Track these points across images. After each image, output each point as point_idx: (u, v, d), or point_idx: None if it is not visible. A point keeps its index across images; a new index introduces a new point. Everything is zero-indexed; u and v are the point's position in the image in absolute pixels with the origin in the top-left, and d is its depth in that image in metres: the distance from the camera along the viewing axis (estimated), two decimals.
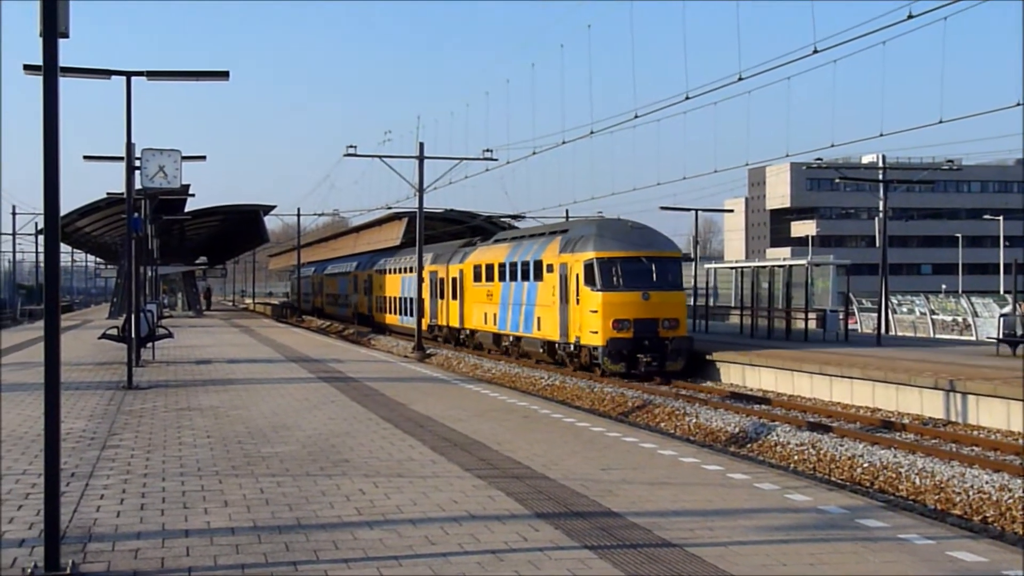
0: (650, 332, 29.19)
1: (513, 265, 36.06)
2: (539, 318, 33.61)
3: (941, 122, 26.68)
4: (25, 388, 18.45)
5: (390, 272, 56.08)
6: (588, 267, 29.99)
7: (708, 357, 30.42)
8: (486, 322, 38.80)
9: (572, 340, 31.08)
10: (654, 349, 29.17)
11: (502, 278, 37.01)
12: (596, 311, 29.53)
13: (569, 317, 31.16)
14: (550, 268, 32.59)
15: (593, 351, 29.93)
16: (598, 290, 29.60)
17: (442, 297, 44.76)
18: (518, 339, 35.92)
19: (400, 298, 52.85)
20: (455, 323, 42.61)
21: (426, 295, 46.67)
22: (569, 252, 31.34)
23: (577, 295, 30.58)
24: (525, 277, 34.79)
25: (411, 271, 48.58)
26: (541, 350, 33.98)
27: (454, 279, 42.58)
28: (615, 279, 29.65)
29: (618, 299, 29.37)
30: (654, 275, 29.88)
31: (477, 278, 39.80)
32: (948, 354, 28.77)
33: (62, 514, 7.10)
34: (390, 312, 55.50)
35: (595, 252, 29.99)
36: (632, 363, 29.25)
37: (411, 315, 48.48)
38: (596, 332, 29.55)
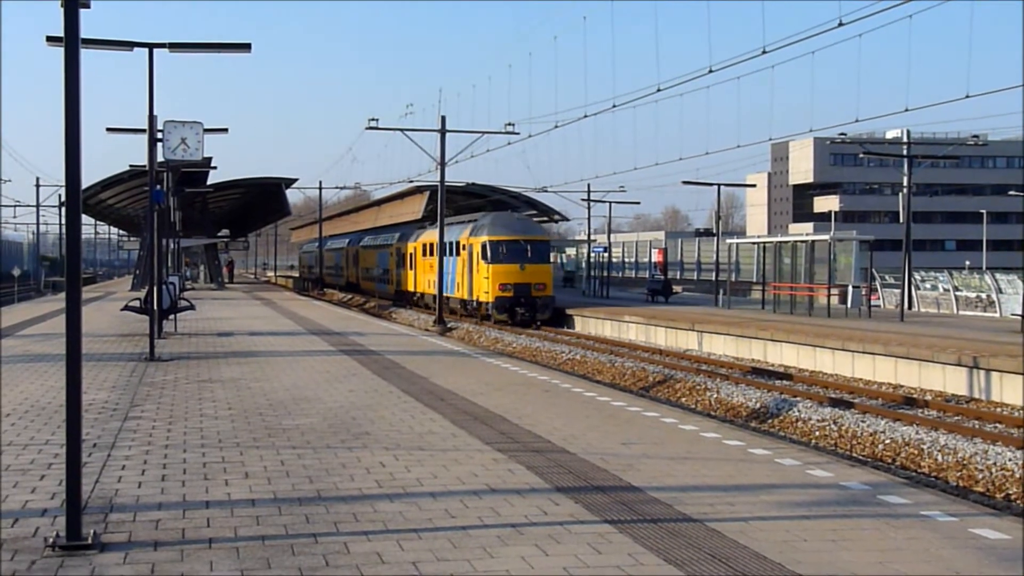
0: (525, 293, 40.82)
1: (444, 244, 45.47)
2: (457, 283, 45.07)
3: (968, 97, 26.49)
4: (48, 359, 18.55)
5: (369, 248, 67.88)
6: (483, 246, 41.50)
7: (568, 312, 42.17)
8: (429, 287, 49.05)
9: (474, 298, 43.04)
10: (528, 305, 40.79)
11: (437, 253, 45.97)
12: (488, 277, 41.18)
13: (472, 282, 42.93)
14: (463, 247, 43.89)
15: (486, 306, 41.71)
16: (489, 263, 41.16)
17: (403, 268, 56.00)
18: (447, 297, 45.66)
19: (374, 268, 65.04)
20: (411, 288, 53.82)
21: (392, 267, 58.71)
22: (474, 236, 42.81)
23: (477, 266, 42.25)
24: (451, 253, 45.50)
25: (384, 247, 62.06)
26: (459, 306, 45.45)
27: (410, 254, 53.82)
28: (501, 255, 41.11)
29: (503, 269, 40.85)
30: (529, 252, 41.37)
31: (424, 253, 50.41)
32: (972, 331, 28.63)
33: (84, 484, 7.11)
34: (370, 281, 66.91)
35: (488, 236, 41.60)
36: (512, 314, 40.65)
37: (384, 283, 61.49)
38: (488, 292, 41.27)
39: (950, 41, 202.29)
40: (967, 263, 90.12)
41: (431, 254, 47.94)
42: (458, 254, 44.82)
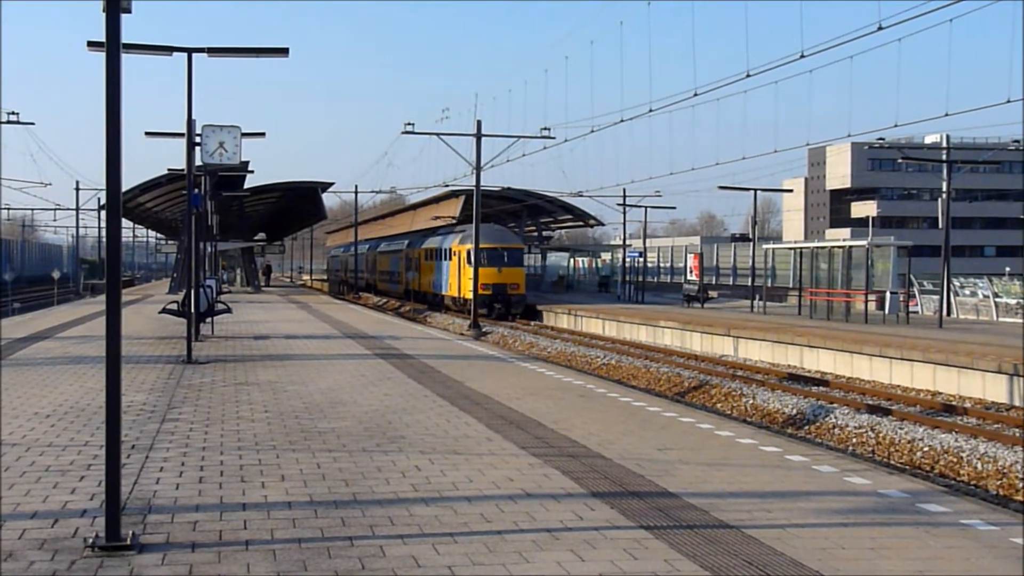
0: (501, 291, 49.05)
1: (440, 250, 56.22)
2: (450, 284, 53.39)
3: (1009, 101, 26.22)
4: (87, 361, 18.72)
5: (385, 253, 77.22)
6: (469, 252, 48.07)
7: (537, 307, 50.64)
8: (430, 287, 58.72)
9: (461, 295, 51.09)
10: (503, 301, 49.18)
11: (435, 258, 57.34)
12: (471, 278, 46.86)
13: (460, 282, 51.00)
14: (454, 253, 52.35)
15: (469, 302, 47.42)
16: (472, 266, 47.23)
17: (410, 271, 65.41)
18: (443, 296, 55.44)
19: (388, 272, 74.62)
20: (416, 287, 63.11)
21: (402, 269, 68.78)
22: (462, 244, 50.97)
23: (463, 269, 50.00)
24: (444, 258, 54.84)
25: (395, 252, 72.10)
26: (451, 303, 53.75)
27: (417, 258, 63.27)
28: (483, 260, 47.03)
29: (483, 272, 46.82)
30: (505, 258, 49.69)
31: (427, 258, 59.97)
32: (1012, 337, 28.32)
33: (123, 486, 7.16)
34: (385, 282, 76.03)
35: (472, 244, 46.99)
36: (491, 309, 48.53)
37: (396, 284, 71.21)
38: (471, 291, 46.99)
39: (991, 45, 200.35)
40: (1007, 269, 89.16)
41: (431, 259, 58.71)
42: (451, 259, 53.57)
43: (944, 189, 44.55)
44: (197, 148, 20.61)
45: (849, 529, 7.54)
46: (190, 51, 20.59)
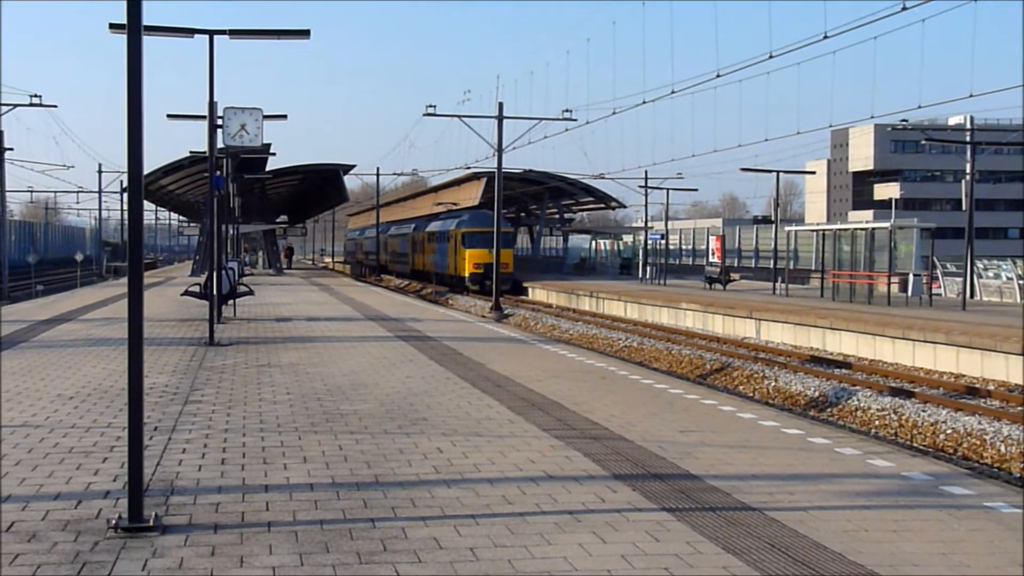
0: (491, 269, 49.65)
1: (440, 234, 61.96)
2: (447, 263, 59.25)
3: None
4: (110, 343, 18.80)
5: (394, 237, 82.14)
6: (462, 236, 55.56)
7: (523, 284, 56.25)
8: (432, 266, 64.50)
9: (456, 273, 57.06)
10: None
11: (437, 240, 62.96)
12: (465, 259, 54.95)
13: (456, 262, 57.01)
14: (451, 236, 58.13)
15: (464, 279, 55.22)
16: (466, 248, 55.00)
17: (416, 252, 71.52)
18: (443, 274, 61.15)
19: (398, 253, 79.81)
20: (420, 267, 69.42)
21: (409, 251, 74.41)
22: (457, 228, 57.08)
23: (458, 250, 56.30)
24: (443, 240, 60.62)
25: (403, 236, 77.50)
26: (448, 279, 59.44)
27: (421, 241, 69.18)
28: (475, 242, 53.92)
29: (476, 252, 53.43)
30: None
31: (429, 240, 66.01)
32: None
33: (145, 467, 7.19)
34: (395, 264, 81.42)
35: (465, 229, 55.76)
36: (482, 286, 51.72)
37: (404, 264, 76.58)
38: (465, 269, 54.90)
39: (1016, 25, 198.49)
40: None
41: (433, 241, 64.38)
42: (447, 241, 59.15)
43: (968, 170, 44.21)
44: (219, 130, 20.65)
45: (872, 512, 7.51)
46: (211, 33, 20.60)
